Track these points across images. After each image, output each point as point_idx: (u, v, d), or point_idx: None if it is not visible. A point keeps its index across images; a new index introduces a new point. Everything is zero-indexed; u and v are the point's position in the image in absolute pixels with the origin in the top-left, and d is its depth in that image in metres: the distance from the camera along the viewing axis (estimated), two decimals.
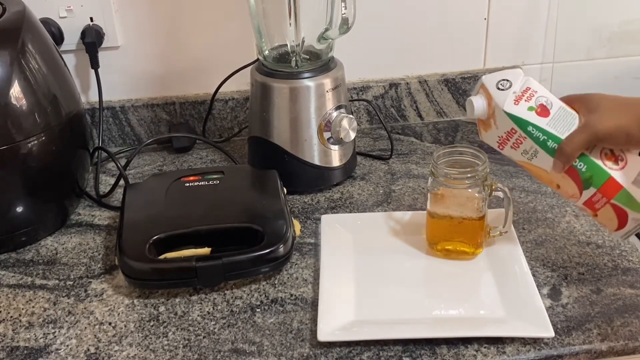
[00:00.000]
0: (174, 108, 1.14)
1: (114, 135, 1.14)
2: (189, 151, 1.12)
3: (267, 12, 0.95)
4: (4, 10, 0.86)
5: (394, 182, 1.00)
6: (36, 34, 0.88)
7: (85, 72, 1.11)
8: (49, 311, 0.77)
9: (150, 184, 0.93)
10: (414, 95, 1.17)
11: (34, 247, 0.89)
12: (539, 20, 1.14)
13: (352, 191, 0.98)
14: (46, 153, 0.86)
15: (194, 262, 0.76)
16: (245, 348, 0.70)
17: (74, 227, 0.93)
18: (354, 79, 1.15)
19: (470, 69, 1.17)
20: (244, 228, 0.81)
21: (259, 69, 0.96)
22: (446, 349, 0.69)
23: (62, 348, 0.72)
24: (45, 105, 0.85)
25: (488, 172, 0.78)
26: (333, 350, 0.69)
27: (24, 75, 0.83)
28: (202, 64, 1.13)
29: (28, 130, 0.83)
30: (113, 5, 1.06)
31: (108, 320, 0.75)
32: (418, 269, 0.81)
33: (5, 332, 0.74)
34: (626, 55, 1.18)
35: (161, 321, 0.75)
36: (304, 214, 0.93)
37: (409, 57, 1.16)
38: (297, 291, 0.78)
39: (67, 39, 1.06)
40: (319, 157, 0.96)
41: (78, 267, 0.84)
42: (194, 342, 0.71)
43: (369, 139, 1.14)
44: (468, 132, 1.14)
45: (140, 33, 1.09)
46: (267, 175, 0.93)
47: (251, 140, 1.00)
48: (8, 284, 0.82)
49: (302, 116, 0.93)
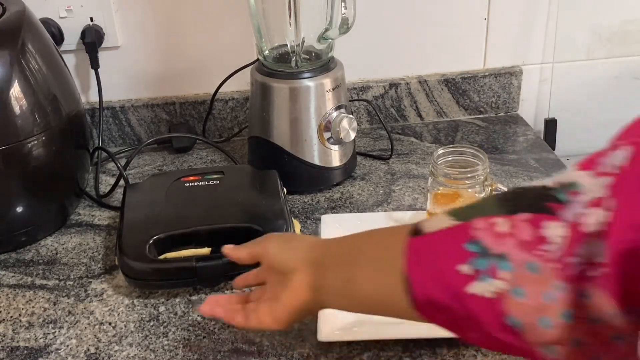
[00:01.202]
0: (174, 108, 1.14)
1: (114, 135, 1.14)
2: (189, 151, 1.12)
3: (267, 12, 0.95)
4: (4, 10, 0.86)
5: (394, 182, 1.00)
6: (36, 34, 0.88)
7: (85, 72, 1.11)
8: (49, 311, 0.77)
9: (150, 184, 0.93)
10: (414, 95, 1.16)
11: (34, 247, 0.89)
12: (539, 20, 1.14)
13: (352, 191, 0.98)
14: (46, 153, 0.86)
15: (194, 262, 0.76)
16: (245, 348, 0.70)
17: (74, 227, 0.93)
18: (354, 79, 1.15)
19: (470, 69, 1.17)
20: (244, 228, 0.81)
21: (259, 69, 0.96)
22: (446, 349, 0.69)
23: (62, 348, 0.72)
24: (45, 105, 0.85)
25: (488, 172, 0.78)
26: (333, 350, 0.69)
27: (24, 75, 0.83)
28: (202, 64, 1.13)
29: (28, 130, 0.83)
30: (113, 5, 1.06)
31: (108, 320, 0.75)
32: None
33: (5, 332, 0.74)
34: (626, 55, 1.18)
35: (161, 321, 0.75)
36: (304, 214, 0.93)
37: (409, 57, 1.16)
38: None
39: (67, 39, 1.06)
40: (319, 157, 0.96)
41: (78, 267, 0.84)
42: (194, 342, 0.71)
43: (369, 139, 1.13)
44: (468, 132, 1.14)
45: (140, 33, 1.09)
46: (267, 175, 0.93)
47: (251, 140, 1.00)
48: (8, 284, 0.82)
49: (302, 116, 0.93)
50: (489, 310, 0.46)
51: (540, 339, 0.46)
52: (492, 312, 0.46)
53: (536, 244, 0.45)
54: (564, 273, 0.44)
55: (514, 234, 0.46)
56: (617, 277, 0.41)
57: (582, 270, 0.43)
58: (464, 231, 0.48)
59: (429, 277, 0.50)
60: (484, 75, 1.16)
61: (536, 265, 0.45)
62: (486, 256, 0.47)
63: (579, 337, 0.45)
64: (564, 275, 0.44)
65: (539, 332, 0.45)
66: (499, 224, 0.47)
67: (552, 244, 0.45)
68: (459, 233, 0.49)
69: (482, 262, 0.47)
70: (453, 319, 0.49)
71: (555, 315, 0.44)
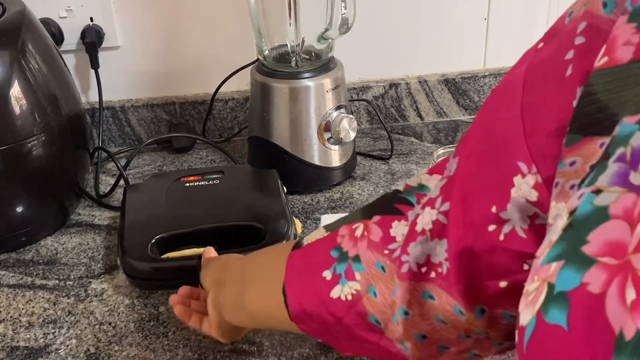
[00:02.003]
0: (174, 108, 1.14)
1: (114, 135, 1.14)
2: (189, 151, 1.12)
3: (267, 12, 0.95)
4: (4, 10, 0.86)
5: (394, 182, 1.00)
6: (36, 34, 0.88)
7: (85, 72, 1.11)
8: (49, 311, 0.77)
9: (150, 185, 0.93)
10: (414, 95, 1.17)
11: (34, 247, 0.89)
12: (539, 20, 1.14)
13: (352, 191, 0.98)
14: (46, 153, 0.86)
15: (197, 261, 0.76)
16: (245, 348, 0.70)
17: (74, 227, 0.93)
18: (354, 79, 1.15)
19: (470, 69, 1.17)
20: (245, 226, 0.82)
21: (259, 69, 0.96)
22: None
23: (62, 348, 0.71)
24: (45, 105, 0.85)
25: None
26: (333, 350, 0.69)
27: (24, 75, 0.83)
28: (202, 64, 1.13)
29: (28, 130, 0.83)
30: (113, 5, 1.06)
31: (108, 320, 0.75)
32: None
33: (5, 332, 0.74)
34: None
35: (161, 321, 0.75)
36: (304, 214, 0.93)
37: (409, 57, 1.16)
38: None
39: (67, 39, 1.06)
40: (319, 157, 0.96)
41: (78, 267, 0.84)
42: (194, 342, 0.71)
43: (369, 139, 1.13)
44: None
45: (140, 33, 1.09)
46: (267, 174, 0.93)
47: (251, 140, 1.00)
48: (8, 284, 0.82)
49: (302, 116, 0.93)
50: (352, 312, 0.49)
51: (395, 335, 0.48)
52: (355, 313, 0.49)
53: (385, 244, 0.48)
54: (399, 271, 0.46)
55: (366, 235, 0.49)
56: (457, 276, 0.43)
57: (423, 271, 0.45)
58: (332, 239, 0.51)
59: (302, 287, 0.52)
60: (484, 75, 1.16)
61: (383, 264, 0.47)
62: (344, 260, 0.49)
63: (423, 332, 0.47)
64: (400, 273, 0.46)
65: (393, 328, 0.48)
66: (358, 228, 0.50)
67: (397, 243, 0.47)
68: (328, 242, 0.51)
69: (341, 266, 0.49)
70: (325, 326, 0.51)
71: (399, 312, 0.47)
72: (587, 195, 0.31)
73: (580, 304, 0.28)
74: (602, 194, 0.30)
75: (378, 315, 0.48)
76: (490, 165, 0.41)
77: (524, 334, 0.31)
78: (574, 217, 0.31)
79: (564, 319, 0.29)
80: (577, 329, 0.28)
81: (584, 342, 0.28)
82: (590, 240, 0.29)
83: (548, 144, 0.38)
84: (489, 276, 0.42)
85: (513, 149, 0.40)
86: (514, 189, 0.39)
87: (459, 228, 0.42)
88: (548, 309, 0.30)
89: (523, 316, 0.31)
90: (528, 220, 0.39)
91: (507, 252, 0.40)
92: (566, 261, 0.30)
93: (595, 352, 0.27)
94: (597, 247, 0.29)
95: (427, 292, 0.45)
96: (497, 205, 0.40)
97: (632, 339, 0.26)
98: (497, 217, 0.40)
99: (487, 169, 0.41)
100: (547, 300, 0.30)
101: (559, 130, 0.37)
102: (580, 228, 0.30)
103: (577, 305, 0.28)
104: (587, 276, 0.28)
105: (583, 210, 0.30)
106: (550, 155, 0.37)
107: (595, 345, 0.27)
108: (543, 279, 0.31)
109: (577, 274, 0.29)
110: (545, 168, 0.38)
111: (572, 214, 0.31)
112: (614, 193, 0.29)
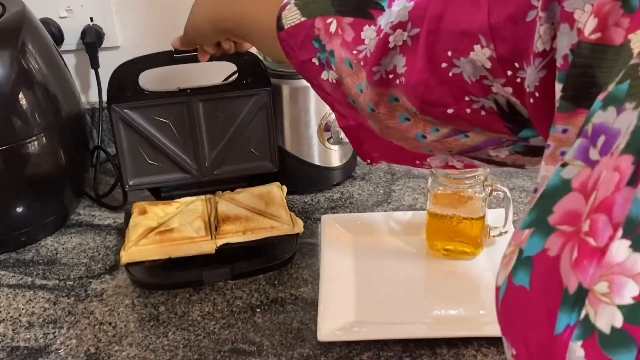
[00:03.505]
0: None
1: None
2: None
3: None
4: (4, 10, 0.86)
5: (394, 182, 1.00)
6: (36, 34, 0.88)
7: (85, 72, 1.10)
8: (49, 311, 0.77)
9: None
10: None
11: (34, 247, 0.89)
12: None
13: (352, 191, 0.98)
14: (46, 153, 0.86)
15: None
16: (245, 348, 0.70)
17: (74, 227, 0.93)
18: None
19: None
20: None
21: None
22: (446, 349, 0.69)
23: (62, 348, 0.71)
24: (45, 105, 0.85)
25: (488, 172, 0.78)
26: (333, 350, 0.69)
27: (24, 75, 0.83)
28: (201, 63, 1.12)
29: (28, 130, 0.83)
30: (113, 5, 1.06)
31: (108, 320, 0.75)
32: (418, 269, 0.81)
33: (5, 332, 0.74)
34: None
35: (161, 321, 0.75)
36: (304, 214, 0.93)
37: None
38: (297, 291, 0.78)
39: (67, 39, 1.06)
40: (319, 157, 0.96)
41: (78, 267, 0.84)
42: (194, 342, 0.71)
43: None
44: None
45: (140, 33, 1.09)
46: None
47: None
48: (8, 284, 0.82)
49: (302, 116, 0.93)
50: (337, 90, 0.58)
51: (365, 113, 0.57)
52: (339, 91, 0.57)
53: (355, 44, 0.53)
54: (370, 77, 0.52)
55: (340, 34, 0.54)
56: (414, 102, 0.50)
57: (390, 77, 0.51)
58: (310, 29, 0.57)
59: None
60: None
61: (351, 62, 0.54)
62: (323, 51, 0.57)
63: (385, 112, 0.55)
64: (371, 79, 0.52)
65: (362, 107, 0.56)
66: (332, 24, 0.55)
67: (365, 46, 0.53)
68: (307, 30, 0.57)
69: (322, 57, 0.57)
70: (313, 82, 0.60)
71: (365, 105, 0.55)
72: (558, 167, 0.34)
73: (540, 267, 0.33)
74: (567, 167, 0.33)
75: (352, 98, 0.56)
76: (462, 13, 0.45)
77: (499, 294, 0.35)
78: (546, 189, 0.34)
79: (527, 280, 0.33)
80: (537, 289, 0.33)
81: (542, 299, 0.32)
82: (555, 211, 0.33)
83: (506, 27, 0.42)
84: (439, 105, 0.49)
85: (478, 16, 0.43)
86: (473, 53, 0.44)
87: (422, 59, 0.48)
88: (516, 272, 0.34)
89: (499, 278, 0.36)
90: (478, 77, 0.45)
91: (453, 86, 0.47)
92: (535, 229, 0.34)
93: (549, 307, 0.31)
94: (559, 216, 0.33)
95: (393, 95, 0.52)
96: (454, 53, 0.45)
97: (575, 292, 0.30)
98: (451, 61, 0.46)
99: (458, 14, 0.45)
100: (516, 264, 0.34)
101: (514, 17, 0.41)
102: (549, 199, 0.34)
103: (538, 268, 0.33)
104: (548, 242, 0.33)
105: (552, 182, 0.34)
106: (508, 39, 0.42)
107: (549, 301, 0.31)
108: (516, 244, 0.35)
109: (541, 240, 0.33)
110: (502, 48, 0.43)
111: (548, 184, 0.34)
112: (576, 167, 0.33)
